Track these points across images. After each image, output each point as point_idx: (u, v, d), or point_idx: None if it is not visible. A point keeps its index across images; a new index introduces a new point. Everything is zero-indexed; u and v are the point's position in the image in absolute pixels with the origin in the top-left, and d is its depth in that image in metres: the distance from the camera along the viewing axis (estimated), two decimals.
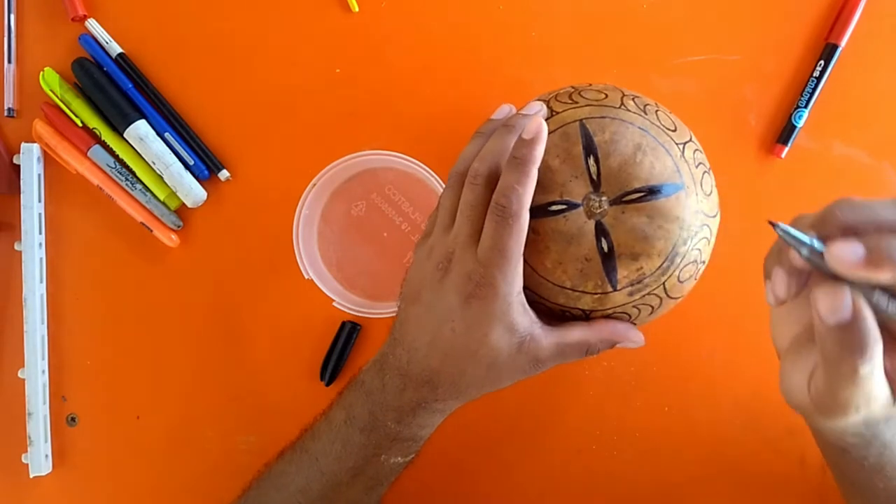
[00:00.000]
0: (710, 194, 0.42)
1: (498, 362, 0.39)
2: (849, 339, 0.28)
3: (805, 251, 0.30)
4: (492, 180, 0.39)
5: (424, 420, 0.42)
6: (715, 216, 0.42)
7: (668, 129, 0.41)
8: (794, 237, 0.30)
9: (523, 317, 0.38)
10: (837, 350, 0.29)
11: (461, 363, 0.39)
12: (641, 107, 0.42)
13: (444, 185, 0.51)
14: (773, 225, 0.31)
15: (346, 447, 0.43)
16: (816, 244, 0.30)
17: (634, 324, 0.43)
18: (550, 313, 0.42)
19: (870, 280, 0.28)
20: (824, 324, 0.29)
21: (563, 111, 0.41)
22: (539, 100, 0.44)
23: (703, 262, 0.42)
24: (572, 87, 0.44)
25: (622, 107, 0.41)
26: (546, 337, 0.39)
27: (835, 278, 0.29)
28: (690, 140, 0.42)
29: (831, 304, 0.28)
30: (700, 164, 0.42)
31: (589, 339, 0.40)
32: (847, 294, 0.28)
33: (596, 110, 0.41)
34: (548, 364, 0.40)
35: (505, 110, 0.44)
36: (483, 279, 0.37)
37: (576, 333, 0.40)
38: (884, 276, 0.28)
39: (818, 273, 0.30)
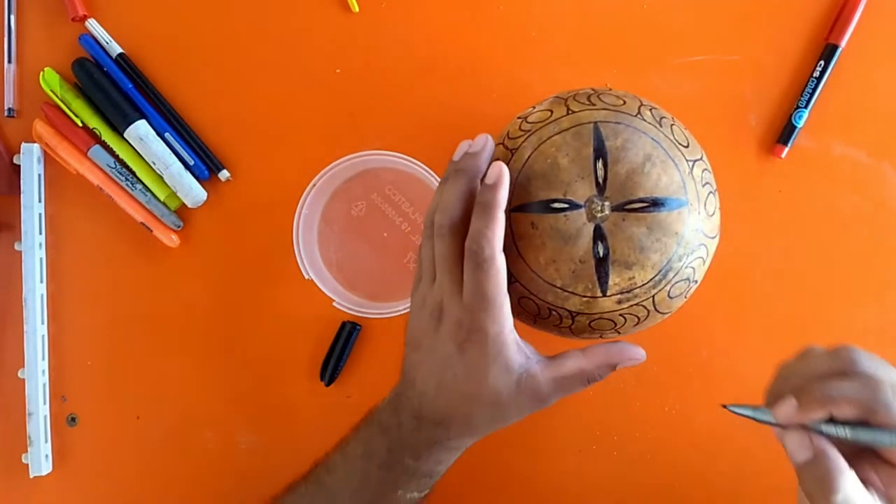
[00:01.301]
0: (712, 215, 0.42)
1: (501, 402, 0.39)
2: (818, 474, 0.34)
3: (761, 418, 0.38)
4: (455, 229, 0.39)
5: (440, 457, 0.43)
6: (714, 237, 0.42)
7: (681, 145, 0.41)
8: (747, 415, 0.38)
9: (518, 354, 0.39)
10: (813, 486, 0.34)
11: (467, 406, 0.40)
12: (657, 119, 0.42)
13: None
14: (726, 407, 0.38)
15: (365, 482, 0.43)
16: (762, 416, 0.37)
17: (619, 332, 0.43)
18: (537, 310, 0.42)
19: (810, 420, 0.35)
20: (796, 463, 0.35)
21: (580, 111, 0.41)
22: (558, 97, 0.44)
23: (696, 282, 0.42)
24: (592, 90, 0.44)
25: (638, 115, 0.41)
26: (543, 372, 0.40)
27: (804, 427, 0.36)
28: (701, 159, 0.42)
29: (797, 446, 0.35)
30: (707, 183, 0.42)
31: (585, 368, 0.40)
32: (807, 436, 0.35)
33: (612, 115, 0.41)
34: (551, 399, 0.40)
35: (463, 148, 0.42)
36: (472, 324, 0.38)
37: (571, 364, 0.40)
38: (816, 415, 0.35)
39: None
